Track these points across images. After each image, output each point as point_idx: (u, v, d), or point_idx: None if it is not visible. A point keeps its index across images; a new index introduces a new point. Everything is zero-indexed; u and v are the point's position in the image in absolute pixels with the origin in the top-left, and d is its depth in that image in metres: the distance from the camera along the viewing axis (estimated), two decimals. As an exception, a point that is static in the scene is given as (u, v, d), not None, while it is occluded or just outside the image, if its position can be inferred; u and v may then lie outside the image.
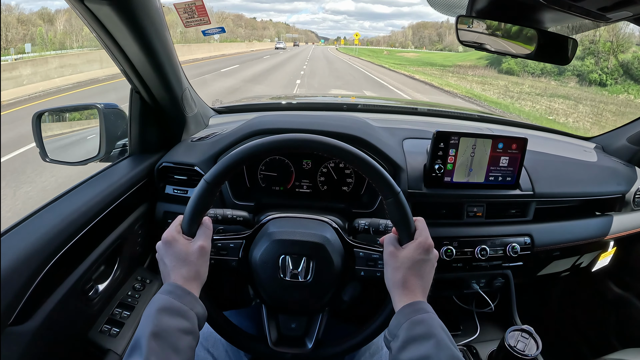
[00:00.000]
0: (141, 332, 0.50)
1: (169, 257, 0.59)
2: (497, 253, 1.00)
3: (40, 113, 0.99)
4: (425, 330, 0.53)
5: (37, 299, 0.65)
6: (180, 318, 0.53)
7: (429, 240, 0.62)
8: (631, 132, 1.29)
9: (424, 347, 0.51)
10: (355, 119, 1.08)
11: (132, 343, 0.50)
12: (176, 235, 0.60)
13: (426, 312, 0.56)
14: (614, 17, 0.76)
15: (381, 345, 0.81)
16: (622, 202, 1.17)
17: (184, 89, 1.02)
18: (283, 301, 0.70)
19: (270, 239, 0.68)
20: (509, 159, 0.98)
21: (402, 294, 0.59)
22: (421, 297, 0.59)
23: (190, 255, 0.59)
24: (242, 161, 0.62)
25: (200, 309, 0.56)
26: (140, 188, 0.97)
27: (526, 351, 0.84)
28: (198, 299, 0.57)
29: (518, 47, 0.90)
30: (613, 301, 1.36)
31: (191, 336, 0.53)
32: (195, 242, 0.60)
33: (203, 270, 0.60)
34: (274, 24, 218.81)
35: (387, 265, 0.62)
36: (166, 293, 0.55)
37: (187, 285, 0.57)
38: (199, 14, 0.84)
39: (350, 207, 0.95)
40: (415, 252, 0.60)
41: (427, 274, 0.61)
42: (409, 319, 0.55)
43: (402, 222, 0.62)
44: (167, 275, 0.59)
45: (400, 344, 0.53)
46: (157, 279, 0.99)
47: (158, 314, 0.51)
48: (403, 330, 0.54)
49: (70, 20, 39.59)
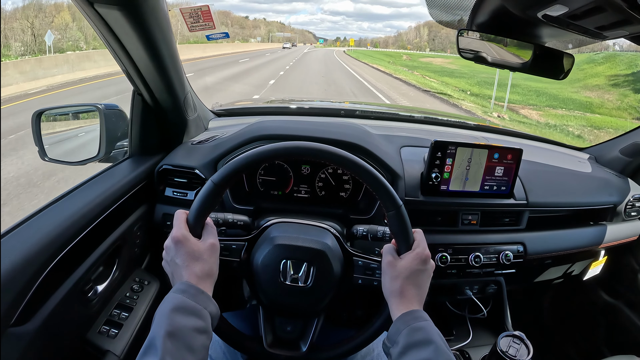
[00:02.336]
0: (156, 332, 0.50)
1: (181, 256, 0.58)
2: (490, 260, 1.01)
3: (40, 112, 0.99)
4: (425, 336, 0.55)
5: (38, 300, 0.66)
6: (195, 317, 0.53)
7: (426, 251, 0.63)
8: (624, 143, 1.32)
9: (424, 353, 0.53)
10: (355, 127, 1.09)
11: (146, 343, 0.50)
12: (186, 234, 0.60)
13: (424, 320, 0.58)
14: (610, 36, 0.78)
15: (372, 347, 0.82)
16: (614, 213, 1.19)
17: (186, 93, 1.02)
18: (281, 304, 0.71)
19: (273, 243, 0.69)
20: (504, 168, 1.00)
21: (400, 302, 0.60)
22: (418, 306, 0.60)
23: (203, 253, 0.59)
24: (250, 165, 0.63)
25: (213, 307, 0.57)
26: (140, 190, 0.97)
27: (518, 356, 0.85)
28: (211, 297, 0.57)
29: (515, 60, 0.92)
30: (603, 309, 1.39)
31: (205, 335, 0.53)
32: (206, 240, 0.61)
33: (215, 267, 0.61)
34: (267, 23, 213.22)
35: (385, 274, 0.63)
36: (180, 292, 0.55)
37: (200, 284, 0.57)
38: (204, 19, 0.85)
39: (347, 213, 0.97)
40: (413, 263, 0.62)
41: (424, 283, 0.63)
42: (409, 326, 0.56)
43: (401, 233, 0.64)
44: (180, 274, 0.58)
45: (400, 349, 0.55)
46: (155, 280, 1.00)
47: (172, 314, 0.51)
48: (403, 337, 0.56)
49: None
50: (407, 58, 37.65)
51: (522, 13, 0.71)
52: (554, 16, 0.67)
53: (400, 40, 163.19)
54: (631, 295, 1.32)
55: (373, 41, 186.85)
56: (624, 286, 1.34)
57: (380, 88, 13.09)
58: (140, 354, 0.49)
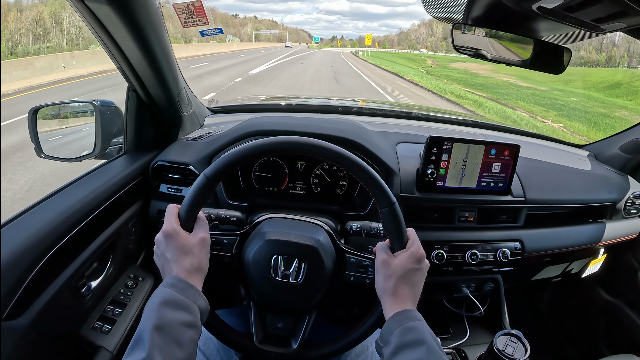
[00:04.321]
0: (144, 326, 0.49)
1: (171, 250, 0.58)
2: (487, 258, 1.01)
3: (36, 109, 0.99)
4: (417, 336, 0.54)
5: (30, 294, 0.66)
6: (183, 311, 0.52)
7: (421, 250, 0.63)
8: (623, 140, 1.31)
9: (415, 353, 0.52)
10: (351, 123, 1.09)
11: (134, 337, 0.49)
12: (177, 228, 0.59)
13: (417, 320, 0.57)
14: (608, 28, 0.77)
15: (367, 345, 0.82)
16: (614, 210, 1.18)
17: (180, 89, 1.02)
18: (272, 300, 0.71)
19: (264, 239, 0.69)
20: (501, 165, 0.99)
21: (393, 301, 0.60)
22: (411, 306, 0.60)
23: (193, 247, 0.59)
24: (242, 159, 0.62)
25: (202, 302, 0.56)
26: (135, 186, 0.97)
27: (514, 355, 0.85)
28: (200, 292, 0.57)
29: (512, 56, 0.91)
30: (602, 307, 1.37)
31: (194, 330, 0.53)
32: (197, 234, 0.60)
33: (205, 262, 0.60)
34: (257, 21, 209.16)
35: (379, 272, 0.63)
36: (169, 286, 0.54)
37: (190, 278, 0.56)
38: (198, 15, 0.84)
39: (342, 210, 0.96)
40: (407, 261, 0.61)
41: (418, 283, 0.62)
42: (401, 326, 0.56)
43: (395, 231, 0.63)
44: (169, 268, 0.58)
45: (392, 349, 0.54)
46: (150, 276, 1.00)
47: (161, 308, 0.51)
48: (395, 337, 0.55)
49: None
50: (435, 63, 28.84)
51: (517, 5, 0.70)
52: (549, 8, 0.66)
53: (408, 39, 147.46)
54: (630, 294, 1.31)
55: (380, 40, 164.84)
56: (624, 285, 1.33)
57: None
58: (129, 349, 0.48)
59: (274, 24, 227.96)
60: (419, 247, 0.63)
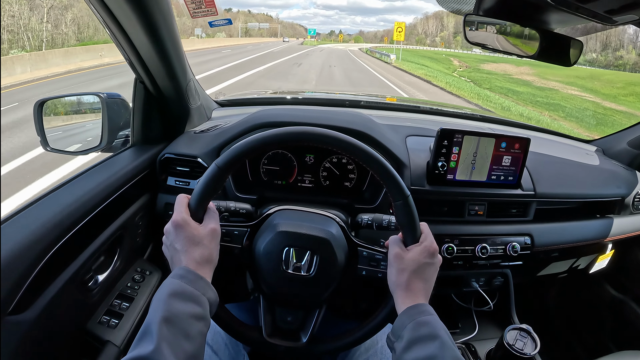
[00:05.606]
0: (152, 317, 0.48)
1: (181, 241, 0.57)
2: (497, 252, 1.00)
3: (42, 101, 0.98)
4: (430, 331, 0.53)
5: (36, 288, 0.65)
6: (192, 303, 0.51)
7: (434, 244, 0.62)
8: (632, 136, 1.30)
9: (429, 348, 0.51)
10: (360, 115, 1.08)
11: (142, 328, 0.48)
12: (187, 218, 0.58)
13: (430, 314, 0.56)
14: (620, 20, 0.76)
15: (376, 340, 0.81)
16: (622, 205, 1.17)
17: (188, 80, 1.01)
18: (282, 293, 0.69)
19: (276, 230, 0.67)
20: (511, 158, 0.98)
21: (405, 295, 0.59)
22: (424, 300, 0.59)
23: (203, 237, 0.58)
24: (254, 149, 0.61)
25: (212, 294, 0.55)
26: (142, 179, 0.96)
27: (524, 350, 0.84)
28: (210, 284, 0.56)
29: (523, 47, 0.90)
30: (610, 303, 1.37)
31: (203, 322, 0.52)
32: (207, 225, 0.59)
33: (215, 253, 0.59)
34: (252, 16, 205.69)
35: (392, 266, 0.62)
36: (178, 277, 0.53)
37: (200, 269, 0.55)
38: (207, 5, 0.83)
39: (352, 203, 0.95)
40: (420, 256, 0.60)
41: (431, 277, 0.62)
42: (414, 320, 0.55)
43: (409, 224, 0.62)
44: (179, 259, 0.57)
45: (404, 344, 0.53)
46: (157, 270, 0.99)
47: (169, 299, 0.50)
48: (408, 331, 0.54)
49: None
50: (463, 65, 23.02)
51: (531, -5, 0.69)
52: (562, -2, 0.66)
53: (415, 33, 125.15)
54: (638, 290, 1.30)
55: (381, 35, 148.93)
56: (631, 281, 1.32)
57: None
58: (136, 340, 0.47)
59: (268, 18, 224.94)
60: (432, 242, 0.62)
